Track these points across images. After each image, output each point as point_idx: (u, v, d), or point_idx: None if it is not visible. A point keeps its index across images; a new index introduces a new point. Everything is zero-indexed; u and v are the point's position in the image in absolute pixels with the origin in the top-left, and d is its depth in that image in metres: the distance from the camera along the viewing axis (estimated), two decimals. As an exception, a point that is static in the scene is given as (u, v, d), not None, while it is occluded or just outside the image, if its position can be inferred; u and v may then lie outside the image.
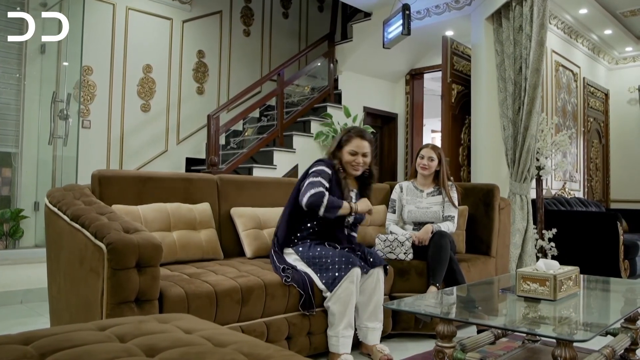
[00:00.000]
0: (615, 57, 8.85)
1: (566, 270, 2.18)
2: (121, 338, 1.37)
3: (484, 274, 3.78)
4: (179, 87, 6.88)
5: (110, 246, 2.19)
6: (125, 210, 2.88)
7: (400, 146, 8.14)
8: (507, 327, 1.90)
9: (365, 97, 7.60)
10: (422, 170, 3.77)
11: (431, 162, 3.75)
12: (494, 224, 4.00)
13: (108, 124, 6.24)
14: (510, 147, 5.19)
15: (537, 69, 4.92)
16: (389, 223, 3.81)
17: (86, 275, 2.36)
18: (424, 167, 3.76)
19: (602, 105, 8.76)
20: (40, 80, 5.71)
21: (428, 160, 3.75)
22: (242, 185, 3.57)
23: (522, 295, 2.15)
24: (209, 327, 1.54)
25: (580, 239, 5.73)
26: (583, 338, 1.62)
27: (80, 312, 2.43)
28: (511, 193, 5.13)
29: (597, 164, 8.58)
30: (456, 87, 6.20)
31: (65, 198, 2.75)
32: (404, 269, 3.39)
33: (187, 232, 3.05)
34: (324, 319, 2.91)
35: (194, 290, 2.42)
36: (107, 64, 6.24)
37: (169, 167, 6.59)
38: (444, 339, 2.01)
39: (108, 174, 3.01)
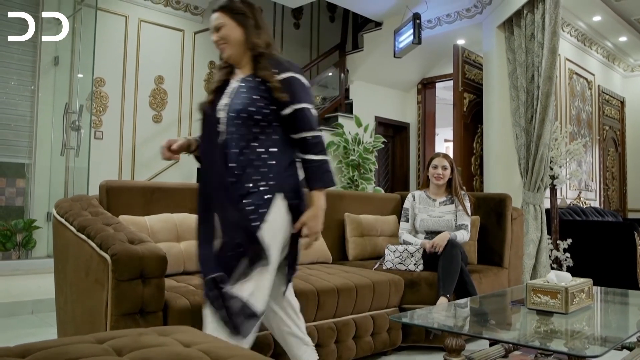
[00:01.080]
0: (631, 65, 8.74)
1: (578, 283, 2.12)
2: (118, 351, 1.35)
3: (496, 286, 3.71)
4: (191, 98, 6.92)
5: (115, 257, 2.18)
6: (132, 221, 2.87)
7: (412, 155, 8.09)
8: (515, 341, 1.84)
9: (376, 106, 7.58)
10: (437, 180, 3.74)
11: (444, 170, 3.73)
12: (506, 235, 3.93)
13: (120, 135, 6.28)
14: (523, 156, 5.12)
15: (549, 77, 4.86)
16: (402, 232, 3.77)
17: (91, 287, 2.35)
18: (438, 177, 3.73)
19: (618, 113, 8.64)
20: (53, 92, 5.78)
21: (442, 170, 3.73)
22: (250, 196, 3.55)
23: (532, 308, 2.09)
24: (209, 341, 1.51)
25: (596, 250, 5.62)
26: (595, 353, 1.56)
27: (86, 323, 2.41)
28: (524, 203, 5.05)
29: (614, 172, 8.44)
30: (468, 96, 6.15)
31: (73, 209, 2.75)
32: (413, 280, 3.34)
33: (194, 243, 3.03)
34: (332, 331, 2.87)
35: (200, 302, 2.38)
36: (119, 75, 6.29)
37: (180, 178, 6.60)
38: (452, 353, 1.96)
39: (115, 185, 3.01)
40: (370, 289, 3.07)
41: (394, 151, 8.12)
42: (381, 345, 3.14)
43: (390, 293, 3.20)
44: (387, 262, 3.52)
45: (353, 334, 2.98)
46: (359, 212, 4.13)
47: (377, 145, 6.78)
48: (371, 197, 4.42)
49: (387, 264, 3.52)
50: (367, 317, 3.07)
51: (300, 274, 3.03)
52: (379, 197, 4.47)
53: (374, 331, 3.10)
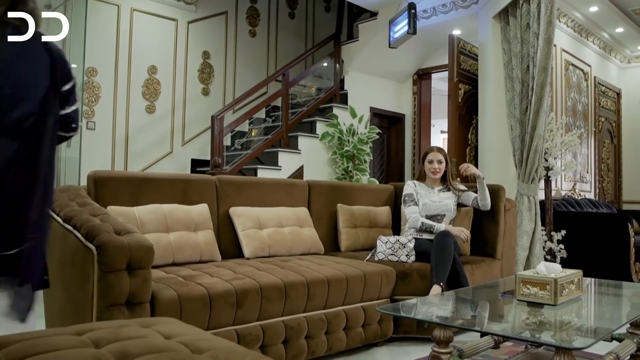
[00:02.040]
0: (628, 56, 8.70)
1: (568, 274, 2.10)
2: (96, 343, 1.33)
3: (488, 277, 3.70)
4: (184, 88, 6.86)
5: (100, 248, 2.16)
6: (121, 212, 2.85)
7: (408, 147, 8.06)
8: (502, 333, 1.82)
9: (371, 97, 7.53)
10: (433, 174, 3.84)
11: (440, 164, 3.84)
12: (499, 226, 3.92)
13: (113, 126, 6.23)
14: (518, 147, 5.09)
15: (544, 68, 4.82)
16: (416, 216, 3.70)
17: (77, 278, 2.33)
18: (434, 171, 3.83)
19: (614, 104, 8.61)
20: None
21: (438, 164, 3.83)
22: (241, 186, 3.53)
23: (522, 300, 2.08)
24: (190, 333, 1.49)
25: (590, 241, 5.61)
26: (581, 345, 1.55)
27: (72, 315, 2.39)
28: (519, 194, 5.04)
29: (609, 164, 8.43)
30: (463, 87, 6.12)
31: (60, 199, 2.72)
32: (405, 271, 3.32)
33: (184, 234, 3.01)
34: (323, 322, 2.85)
35: (187, 293, 2.37)
36: (111, 65, 6.23)
37: (174, 169, 6.57)
38: (440, 344, 1.95)
39: (103, 175, 2.98)
40: (361, 280, 3.06)
41: (389, 142, 8.09)
42: (372, 336, 3.13)
43: (382, 284, 3.19)
44: (379, 253, 3.50)
45: (344, 325, 2.97)
46: (352, 203, 4.11)
47: (371, 136, 6.75)
48: (364, 188, 4.39)
49: (379, 255, 3.51)
50: (358, 308, 3.06)
51: (291, 264, 3.02)
52: (372, 188, 4.45)
53: (365, 322, 3.08)
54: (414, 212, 3.72)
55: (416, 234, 3.67)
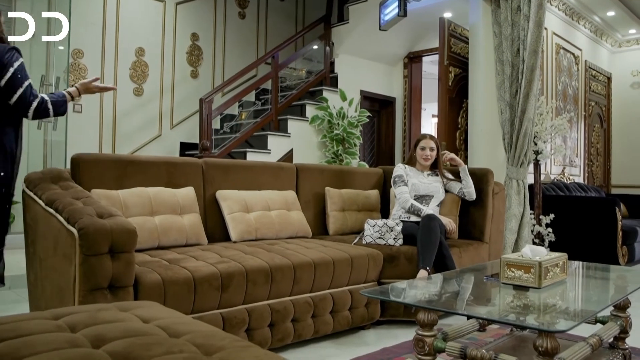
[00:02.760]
0: (619, 40, 8.68)
1: (553, 257, 2.10)
2: (72, 328, 1.31)
3: (476, 260, 3.71)
4: (173, 70, 6.78)
5: (82, 231, 2.13)
6: (105, 195, 2.81)
7: (398, 130, 8.03)
8: (484, 316, 1.82)
9: (362, 80, 7.49)
10: (425, 161, 3.87)
11: (432, 152, 3.88)
12: (487, 209, 3.92)
13: (100, 108, 6.15)
14: (508, 131, 5.08)
15: (534, 51, 4.80)
16: (407, 196, 3.71)
17: (60, 262, 2.30)
18: (426, 158, 3.87)
19: (604, 89, 8.62)
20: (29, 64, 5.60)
21: (430, 151, 3.87)
22: (228, 169, 3.49)
23: (506, 283, 2.08)
24: (170, 316, 1.48)
25: (578, 225, 5.65)
26: (563, 328, 1.54)
27: (55, 299, 2.37)
28: (508, 178, 5.04)
29: (598, 148, 8.46)
30: (454, 70, 6.08)
31: (42, 182, 2.69)
32: (393, 254, 3.32)
33: (169, 217, 2.98)
34: (309, 305, 2.85)
35: (171, 277, 2.35)
36: (98, 47, 6.14)
37: (162, 152, 6.51)
38: (425, 328, 1.94)
39: (87, 158, 2.94)
40: (348, 264, 3.05)
41: (380, 126, 8.06)
42: (359, 319, 3.13)
43: (369, 267, 3.19)
44: (367, 237, 3.50)
45: (330, 309, 2.97)
46: (340, 187, 4.09)
47: (361, 120, 6.72)
48: (353, 171, 4.37)
49: (366, 238, 3.50)
50: (345, 291, 3.06)
51: (278, 248, 3.01)
52: (361, 172, 4.43)
53: (352, 305, 3.08)
54: (404, 192, 3.72)
55: (404, 215, 3.67)
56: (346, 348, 2.88)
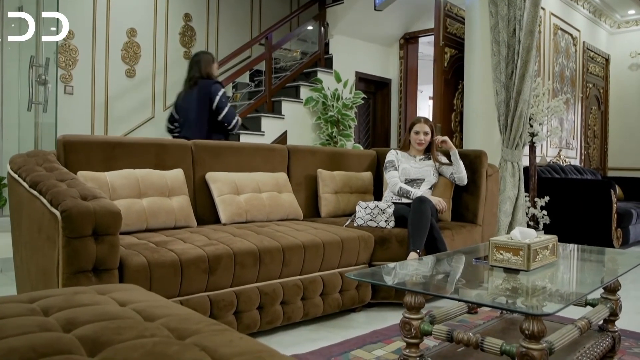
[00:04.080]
0: (617, 21, 8.59)
1: (542, 239, 2.07)
2: (46, 311, 1.28)
3: (469, 243, 3.69)
4: (165, 52, 6.69)
5: (65, 214, 2.09)
6: (92, 177, 2.78)
7: (394, 112, 7.97)
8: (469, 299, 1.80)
9: (357, 61, 7.40)
10: (419, 145, 3.85)
11: (426, 136, 3.85)
12: (480, 192, 3.89)
13: (92, 90, 6.08)
14: (503, 112, 5.03)
15: (531, 31, 4.73)
16: (396, 180, 3.70)
17: (44, 244, 2.27)
18: (420, 142, 3.84)
19: (602, 70, 8.55)
20: (19, 45, 5.53)
21: (424, 135, 3.83)
22: (218, 151, 3.45)
23: (495, 265, 2.05)
24: (148, 299, 1.45)
25: (573, 207, 5.63)
26: (549, 311, 1.52)
27: (40, 282, 2.34)
28: (502, 160, 5.00)
29: (595, 131, 8.42)
30: (449, 51, 6.01)
31: (27, 164, 2.64)
32: (384, 237, 3.30)
33: (157, 199, 2.95)
34: (299, 288, 2.83)
35: (157, 260, 2.32)
36: (89, 27, 6.04)
37: (156, 134, 6.43)
38: (411, 310, 1.92)
39: (73, 139, 2.89)
40: (339, 246, 3.03)
41: (375, 108, 8.00)
42: (350, 302, 3.12)
43: (360, 250, 3.16)
44: (358, 219, 3.47)
45: (320, 291, 2.95)
46: (333, 169, 4.06)
47: (356, 101, 6.65)
48: (346, 153, 4.33)
49: (358, 220, 3.47)
50: (336, 274, 3.04)
51: (267, 230, 2.98)
52: (354, 154, 4.39)
53: (343, 288, 3.07)
54: (394, 177, 3.70)
55: (396, 198, 3.65)
56: (336, 330, 2.86)
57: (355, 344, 2.62)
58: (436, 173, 3.83)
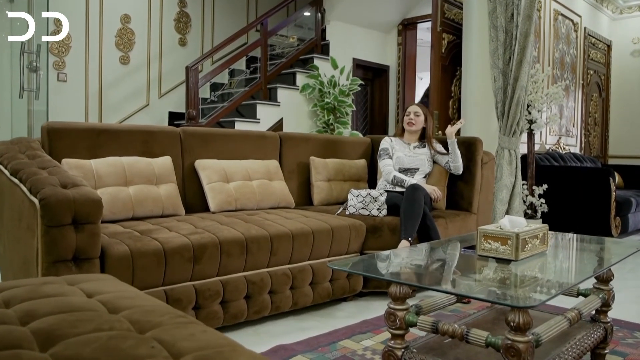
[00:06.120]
0: (620, 6, 8.46)
1: (532, 228, 2.02)
2: (7, 303, 1.23)
3: (463, 231, 3.64)
4: (160, 38, 6.61)
5: (43, 202, 2.04)
6: (77, 165, 2.73)
7: (392, 99, 7.89)
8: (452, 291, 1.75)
9: (354, 48, 7.31)
10: (409, 126, 3.77)
11: (417, 117, 3.76)
12: (475, 179, 3.83)
13: (85, 77, 6.01)
14: (500, 99, 4.95)
15: (528, 16, 4.64)
16: (390, 169, 3.64)
17: (24, 233, 2.22)
18: (410, 122, 3.76)
19: (604, 57, 8.43)
20: (10, 30, 5.45)
21: (414, 116, 3.75)
22: (208, 138, 3.40)
23: (483, 255, 2.00)
24: (118, 290, 1.40)
25: (572, 196, 5.57)
26: (532, 303, 1.47)
27: (21, 271, 2.30)
28: (499, 147, 4.93)
29: (596, 118, 8.32)
30: (447, 37, 5.92)
31: (9, 152, 2.60)
32: (376, 225, 3.25)
33: (144, 187, 2.90)
34: (287, 277, 2.79)
35: (140, 248, 2.28)
36: (82, 13, 5.96)
37: (151, 122, 6.39)
38: (397, 301, 1.87)
39: (58, 126, 2.84)
40: (329, 235, 2.98)
41: (373, 95, 7.91)
42: (340, 291, 3.08)
43: (351, 238, 3.12)
44: (350, 207, 3.42)
45: (310, 281, 2.91)
46: (326, 156, 4.00)
47: (353, 88, 6.58)
48: (340, 140, 4.27)
49: (350, 209, 3.42)
50: (326, 263, 2.98)
51: (256, 218, 2.93)
52: (348, 141, 4.33)
53: (333, 277, 3.03)
54: (388, 165, 3.64)
55: (389, 187, 3.59)
56: (326, 320, 2.83)
57: (344, 333, 2.58)
58: (431, 162, 3.76)
